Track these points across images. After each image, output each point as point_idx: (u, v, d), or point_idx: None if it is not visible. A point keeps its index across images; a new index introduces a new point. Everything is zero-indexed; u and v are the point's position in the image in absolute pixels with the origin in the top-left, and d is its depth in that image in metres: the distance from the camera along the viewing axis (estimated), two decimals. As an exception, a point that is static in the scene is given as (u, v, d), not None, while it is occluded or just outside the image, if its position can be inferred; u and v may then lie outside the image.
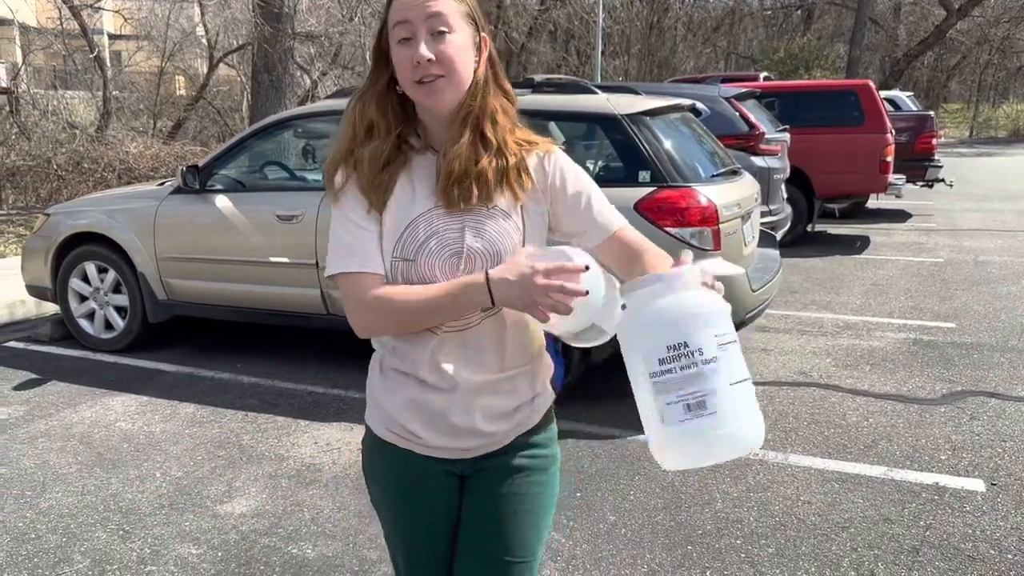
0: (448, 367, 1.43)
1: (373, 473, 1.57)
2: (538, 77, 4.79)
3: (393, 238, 1.41)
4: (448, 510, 1.53)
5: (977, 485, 3.40)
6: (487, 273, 1.31)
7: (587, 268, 1.23)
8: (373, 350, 1.55)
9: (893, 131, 9.52)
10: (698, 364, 1.15)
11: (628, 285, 1.25)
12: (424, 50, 1.33)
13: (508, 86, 1.47)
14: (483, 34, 1.42)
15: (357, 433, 3.98)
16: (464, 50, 1.38)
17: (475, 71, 1.41)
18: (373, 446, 1.55)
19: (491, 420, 1.47)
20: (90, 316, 5.50)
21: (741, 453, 1.22)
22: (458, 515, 1.53)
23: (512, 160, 1.43)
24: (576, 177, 1.50)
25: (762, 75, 12.56)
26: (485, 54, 1.43)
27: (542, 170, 1.48)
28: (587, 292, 1.21)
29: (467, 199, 1.39)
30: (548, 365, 1.57)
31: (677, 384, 1.15)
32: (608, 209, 1.52)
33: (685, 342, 1.15)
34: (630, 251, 1.50)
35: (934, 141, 11.75)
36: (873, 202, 11.90)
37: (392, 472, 1.53)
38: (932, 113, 12.51)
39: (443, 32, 1.35)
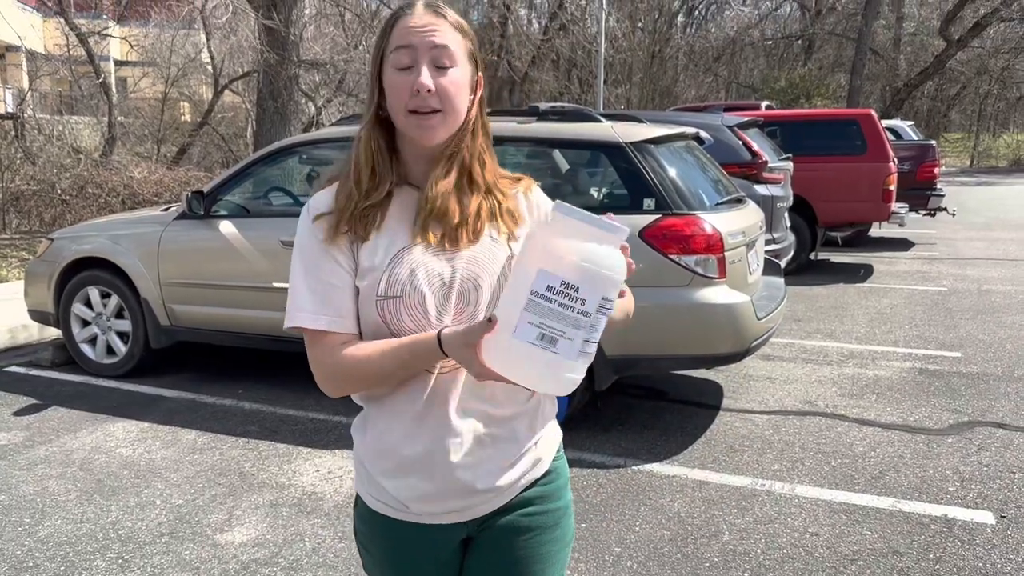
0: (439, 421, 1.34)
1: (367, 544, 1.46)
2: (543, 105, 4.81)
3: (376, 276, 1.33)
4: None
5: (987, 517, 3.36)
6: (440, 331, 1.25)
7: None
8: None
9: (896, 160, 9.55)
10: (574, 311, 1.16)
11: (569, 207, 1.20)
12: (426, 78, 1.29)
13: (489, 126, 1.44)
14: (480, 74, 1.39)
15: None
16: (463, 87, 1.34)
17: (468, 110, 1.36)
18: (364, 516, 1.44)
19: (492, 476, 1.37)
20: (92, 341, 5.48)
21: (541, 391, 1.24)
22: None
23: (502, 200, 1.40)
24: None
25: (764, 104, 12.60)
26: (479, 94, 1.38)
27: (527, 201, 1.45)
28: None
29: (454, 240, 1.34)
30: (552, 403, 1.48)
31: (547, 313, 1.16)
32: None
33: (578, 287, 1.16)
34: None
35: (936, 170, 11.79)
36: (876, 230, 11.91)
37: (385, 546, 1.42)
38: (934, 142, 12.56)
39: (446, 66, 1.31)
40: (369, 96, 1.37)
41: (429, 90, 1.29)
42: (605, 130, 4.43)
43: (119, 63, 21.77)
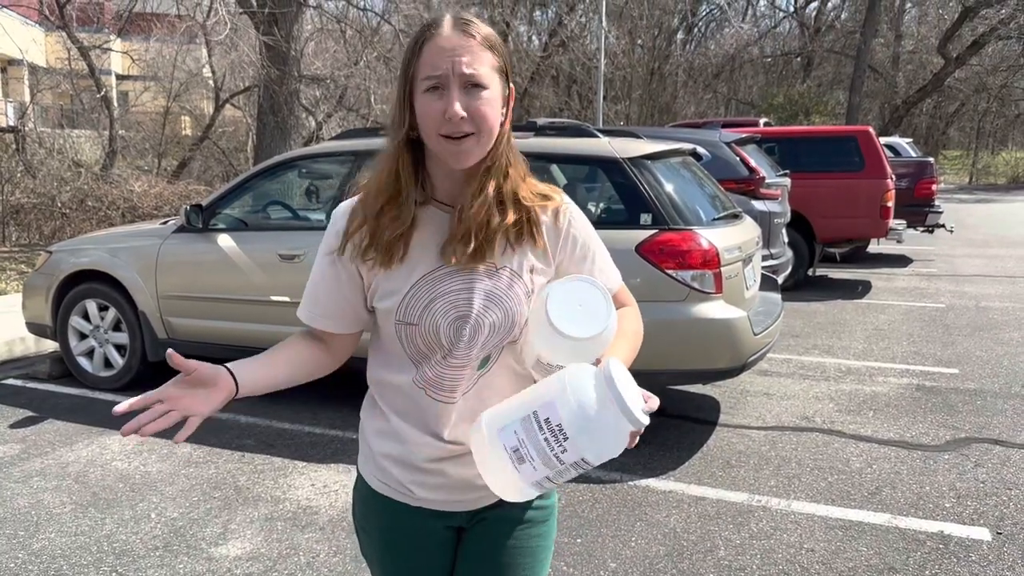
0: (443, 420, 1.38)
1: (365, 525, 1.50)
2: (540, 120, 4.83)
3: (396, 300, 1.35)
4: (443, 569, 1.48)
5: (983, 534, 3.35)
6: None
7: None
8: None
9: (893, 176, 9.58)
10: (553, 451, 1.20)
11: (618, 365, 1.23)
12: (458, 107, 1.25)
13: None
14: (511, 85, 1.36)
15: (354, 475, 3.94)
16: (496, 106, 1.30)
17: (501, 124, 1.33)
18: (366, 496, 1.48)
19: None
20: (89, 354, 5.48)
21: (487, 483, 1.29)
22: (453, 569, 1.49)
23: (527, 214, 1.38)
24: (586, 234, 1.45)
25: (762, 120, 12.66)
26: (511, 106, 1.36)
27: (555, 228, 1.42)
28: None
29: (480, 257, 1.33)
30: None
31: (532, 438, 1.20)
32: (609, 267, 1.48)
33: (568, 439, 1.19)
34: (619, 307, 1.47)
35: (934, 187, 11.82)
36: (874, 247, 11.93)
37: (384, 526, 1.47)
38: (931, 159, 12.60)
39: (477, 87, 1.27)
40: (399, 117, 1.33)
41: (461, 117, 1.26)
42: (602, 145, 4.45)
43: (121, 77, 21.87)
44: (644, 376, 4.34)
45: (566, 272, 1.43)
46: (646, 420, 1.19)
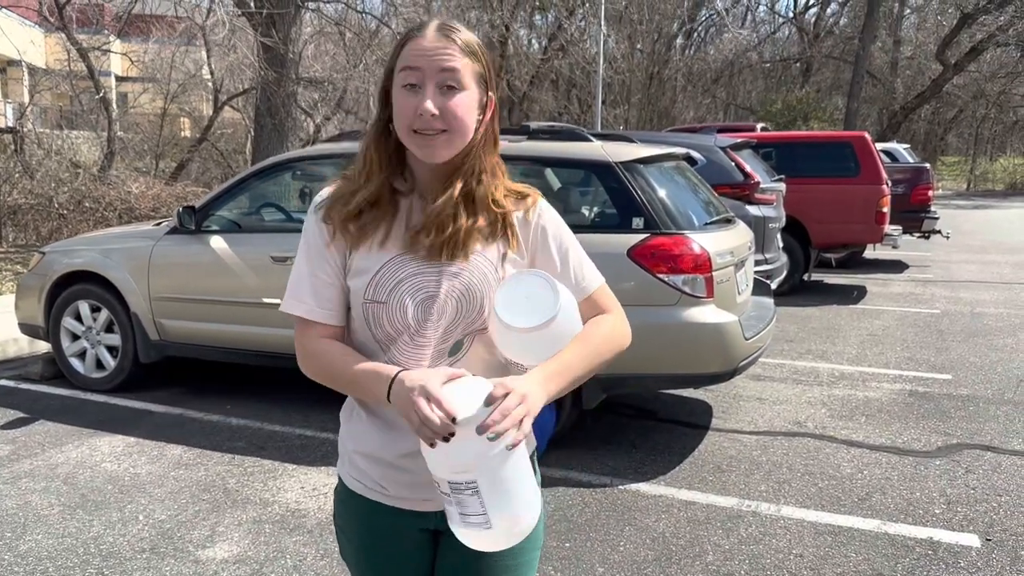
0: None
1: (343, 526, 1.52)
2: (533, 124, 4.83)
3: (365, 279, 1.38)
4: (419, 570, 1.48)
5: (972, 540, 3.34)
6: (399, 372, 1.29)
7: (454, 425, 1.21)
8: None
9: (889, 182, 9.58)
10: (468, 496, 1.24)
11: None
12: (430, 104, 1.30)
13: (499, 144, 1.46)
14: (491, 95, 1.40)
15: (345, 478, 3.93)
16: (469, 109, 1.34)
17: (476, 130, 1.38)
18: (344, 497, 1.50)
19: None
20: (81, 355, 5.47)
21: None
22: (431, 572, 1.49)
23: (498, 218, 1.41)
24: (558, 232, 1.47)
25: (759, 126, 12.67)
26: (489, 114, 1.40)
27: (525, 222, 1.45)
28: (447, 438, 1.20)
29: (443, 255, 1.37)
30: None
31: (459, 496, 1.26)
32: (587, 267, 1.48)
33: (479, 488, 1.23)
34: (597, 313, 1.47)
35: (930, 193, 11.84)
36: (870, 252, 11.93)
37: (361, 526, 1.48)
38: (928, 165, 12.61)
39: (452, 88, 1.32)
40: (378, 108, 1.41)
41: (433, 114, 1.31)
42: (595, 149, 4.45)
43: (120, 79, 21.87)
44: (635, 380, 4.35)
45: (539, 267, 1.44)
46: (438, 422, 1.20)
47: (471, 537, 1.28)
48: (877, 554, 3.23)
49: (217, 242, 4.95)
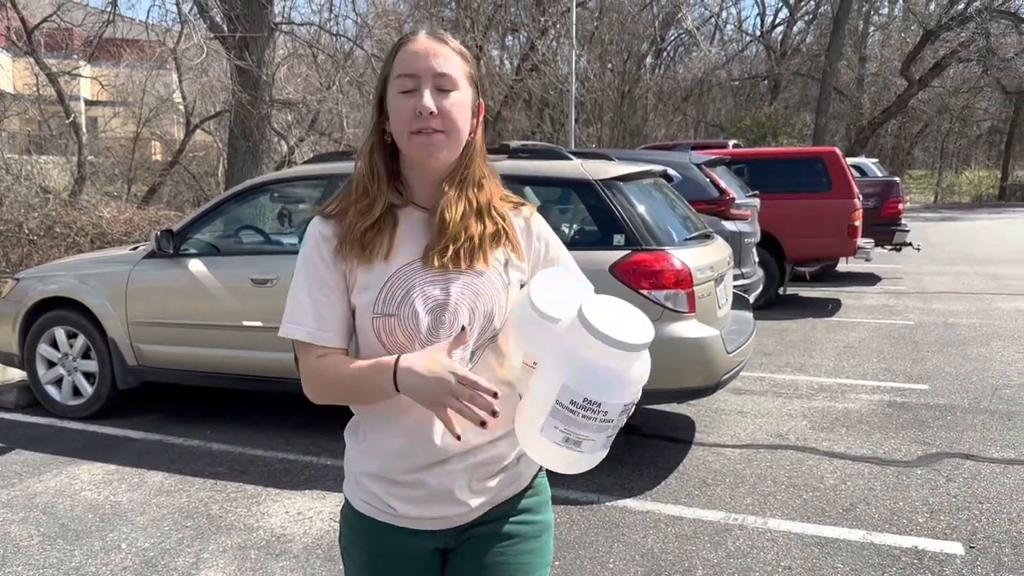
0: (425, 433, 1.38)
1: (349, 548, 1.49)
2: (514, 143, 4.86)
3: (372, 293, 1.37)
4: None
5: (956, 548, 3.38)
6: (398, 358, 1.29)
7: (496, 395, 1.23)
8: (349, 414, 1.50)
9: (860, 196, 9.72)
10: (597, 420, 1.21)
11: (594, 314, 1.21)
12: (429, 101, 1.32)
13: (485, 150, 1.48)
14: (480, 99, 1.43)
15: (329, 502, 3.90)
16: (465, 110, 1.38)
17: (471, 133, 1.41)
18: (350, 519, 1.48)
19: (473, 487, 1.41)
20: (58, 382, 5.39)
21: (567, 472, 1.29)
22: None
23: (501, 224, 1.43)
24: (555, 242, 1.52)
25: (731, 143, 12.83)
26: (480, 117, 1.43)
27: (527, 230, 1.48)
28: (495, 413, 1.22)
29: (457, 263, 1.38)
30: None
31: (571, 422, 1.21)
32: (583, 278, 1.51)
33: (600, 403, 1.20)
34: None
35: (900, 206, 12.02)
36: (843, 266, 12.08)
37: (368, 549, 1.46)
38: (898, 179, 12.82)
39: (448, 89, 1.35)
40: (372, 118, 1.42)
41: (432, 112, 1.33)
42: (575, 167, 4.49)
43: (90, 103, 21.65)
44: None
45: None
46: (640, 339, 1.20)
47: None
48: (864, 564, 3.25)
49: (196, 265, 4.91)
